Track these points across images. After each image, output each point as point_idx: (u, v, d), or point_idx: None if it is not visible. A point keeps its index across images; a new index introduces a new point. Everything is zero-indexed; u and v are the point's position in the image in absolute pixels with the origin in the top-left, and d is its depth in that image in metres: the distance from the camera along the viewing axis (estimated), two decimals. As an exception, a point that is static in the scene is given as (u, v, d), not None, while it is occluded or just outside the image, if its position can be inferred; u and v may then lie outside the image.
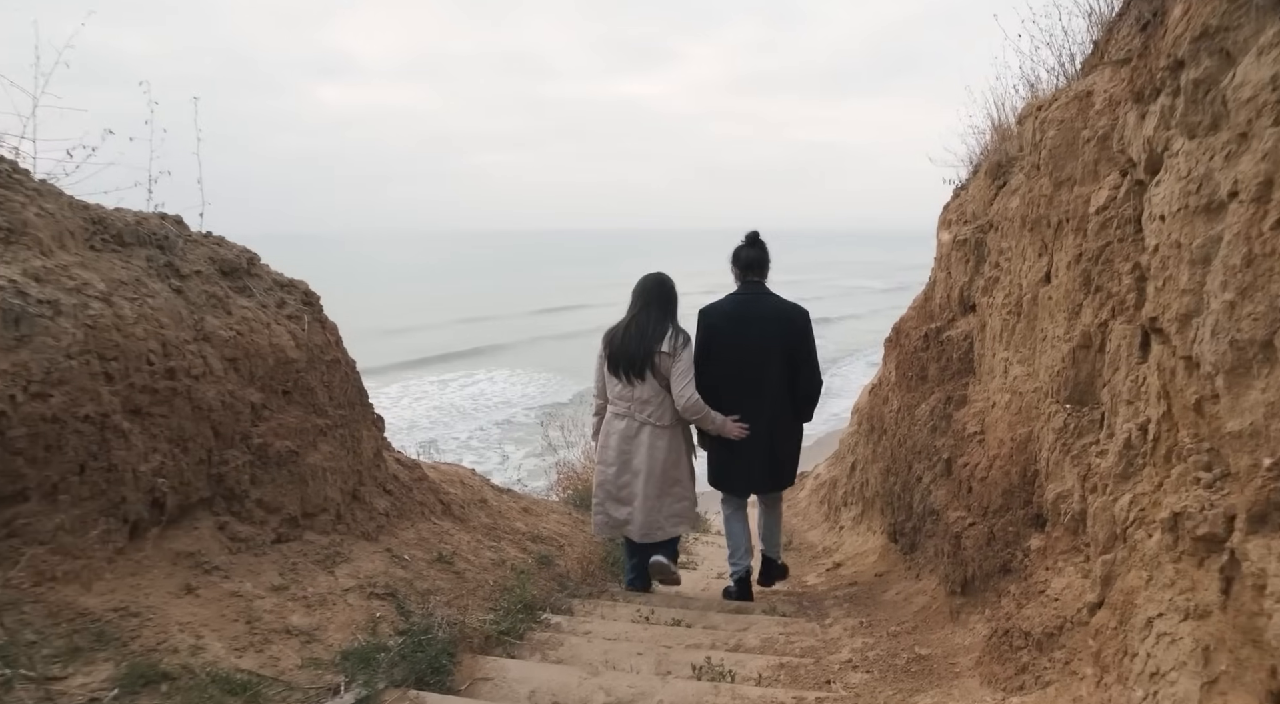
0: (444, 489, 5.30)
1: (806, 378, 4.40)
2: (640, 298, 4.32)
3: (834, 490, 8.88)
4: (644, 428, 4.25)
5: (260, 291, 3.81)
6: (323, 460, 3.74)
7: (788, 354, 4.30)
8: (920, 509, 4.54)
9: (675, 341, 4.19)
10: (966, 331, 4.69)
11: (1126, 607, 1.89)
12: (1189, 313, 1.75)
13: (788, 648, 3.55)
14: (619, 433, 4.29)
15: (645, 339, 4.18)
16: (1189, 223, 1.73)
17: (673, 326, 4.24)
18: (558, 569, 4.88)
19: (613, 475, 4.35)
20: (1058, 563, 2.54)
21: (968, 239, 4.88)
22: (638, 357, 4.19)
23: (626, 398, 4.27)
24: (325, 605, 3.03)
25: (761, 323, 4.30)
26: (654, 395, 4.23)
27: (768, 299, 4.40)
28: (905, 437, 5.09)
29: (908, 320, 6.12)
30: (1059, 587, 2.45)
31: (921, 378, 5.05)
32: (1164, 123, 1.91)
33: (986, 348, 4.07)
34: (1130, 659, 1.78)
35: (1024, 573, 2.87)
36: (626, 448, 4.27)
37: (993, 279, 4.25)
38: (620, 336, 4.28)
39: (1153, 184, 2.01)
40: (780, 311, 4.37)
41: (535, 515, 6.55)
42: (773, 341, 4.27)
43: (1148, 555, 1.86)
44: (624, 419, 4.29)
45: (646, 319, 4.23)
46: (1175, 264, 1.80)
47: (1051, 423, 2.79)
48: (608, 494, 4.37)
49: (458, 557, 4.31)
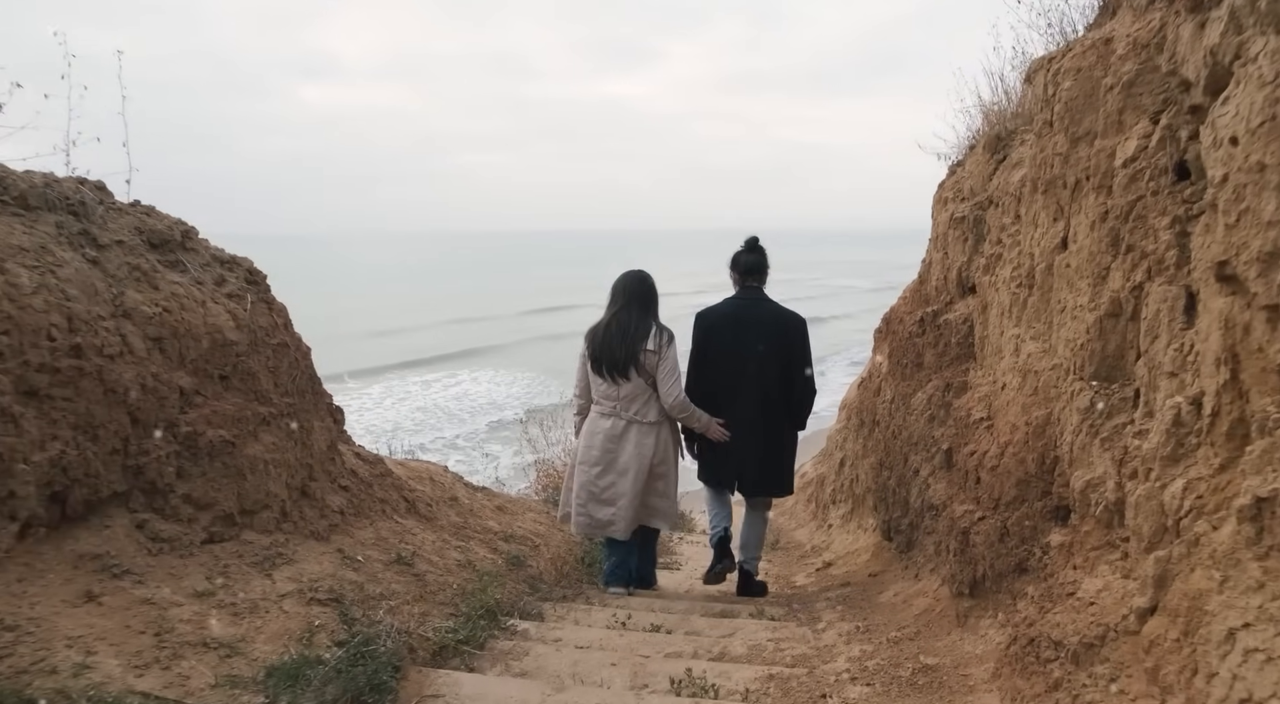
0: (410, 486, 4.92)
1: (800, 385, 4.31)
2: (620, 295, 4.22)
3: (821, 488, 8.54)
4: (631, 426, 4.15)
5: (196, 267, 3.42)
6: (265, 452, 3.35)
7: (782, 360, 4.23)
8: (918, 504, 4.19)
9: (660, 339, 4.10)
10: (966, 314, 4.35)
11: (1193, 614, 1.54)
12: (1276, 250, 1.40)
13: (777, 656, 3.19)
14: (604, 432, 4.18)
15: (628, 337, 4.09)
16: (1276, 137, 1.38)
17: (656, 324, 4.16)
18: (529, 571, 4.50)
19: (595, 476, 4.22)
20: (1088, 560, 2.19)
21: (966, 217, 4.54)
22: (622, 355, 4.09)
23: (612, 396, 4.15)
24: (256, 613, 2.64)
25: (758, 328, 4.22)
26: (639, 392, 4.14)
27: (765, 305, 4.33)
28: (900, 428, 4.74)
29: (900, 308, 5.78)
30: (1093, 588, 2.10)
31: (917, 365, 4.70)
32: (1234, 25, 1.57)
33: (991, 328, 3.73)
34: (1207, 680, 1.43)
35: (1044, 572, 2.51)
36: (612, 447, 4.16)
37: (995, 256, 3.92)
38: (602, 335, 4.18)
39: (1217, 104, 1.67)
40: (777, 318, 4.30)
41: (510, 514, 6.17)
42: (769, 347, 4.20)
43: (1219, 552, 1.51)
44: (610, 418, 4.18)
45: (628, 317, 4.14)
46: (1255, 192, 1.45)
47: (1075, 403, 2.44)
48: (590, 495, 4.23)
49: (419, 557, 3.93)
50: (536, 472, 8.46)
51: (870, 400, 6.38)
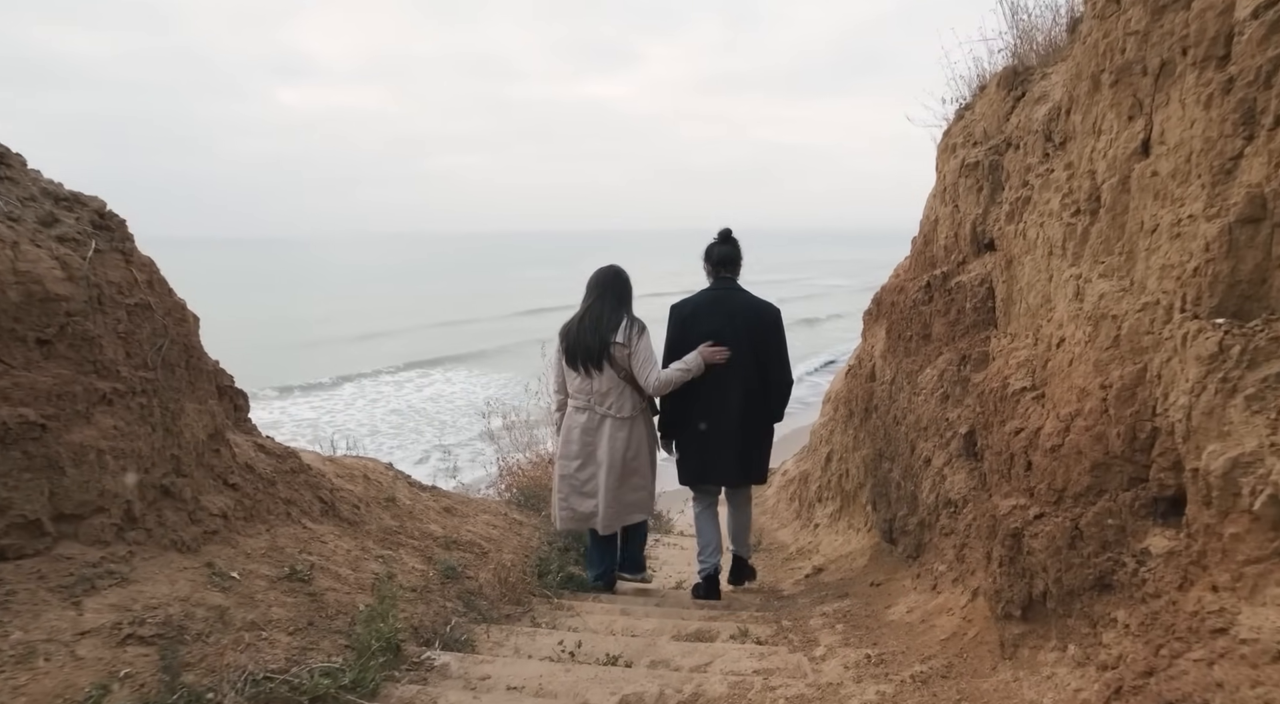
0: (333, 485, 4.10)
1: (776, 374, 4.19)
2: (595, 289, 4.14)
3: (805, 486, 7.78)
4: (605, 420, 4.07)
5: (13, 200, 2.59)
6: (101, 439, 2.52)
7: (759, 350, 4.12)
8: (931, 500, 3.41)
9: (630, 331, 4.00)
10: (983, 274, 3.59)
11: None
12: None
13: (767, 696, 2.39)
14: (580, 426, 4.10)
15: (600, 330, 4.01)
16: None
17: (628, 317, 4.06)
18: (467, 584, 3.68)
19: (575, 469, 4.15)
20: (1238, 578, 1.42)
21: (980, 162, 3.79)
22: (593, 348, 4.00)
23: (586, 391, 4.07)
24: (24, 663, 1.81)
25: (732, 317, 4.12)
26: (612, 387, 4.04)
27: (739, 295, 4.21)
28: (904, 412, 3.97)
29: (898, 280, 5.02)
30: (1256, 624, 1.33)
31: (924, 337, 3.94)
32: None
33: (1023, 283, 2.96)
34: None
35: (1142, 591, 1.74)
36: (589, 440, 4.09)
37: (1022, 200, 3.16)
38: (575, 328, 4.10)
39: None
40: (751, 307, 4.19)
41: (459, 516, 5.35)
42: (743, 336, 4.10)
43: None
44: (585, 412, 4.10)
45: (601, 309, 4.05)
46: None
47: (1191, 350, 1.67)
48: (572, 488, 4.16)
49: (323, 571, 3.11)
50: (500, 470, 7.64)
51: (861, 388, 5.62)
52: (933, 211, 4.26)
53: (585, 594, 4.43)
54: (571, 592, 4.38)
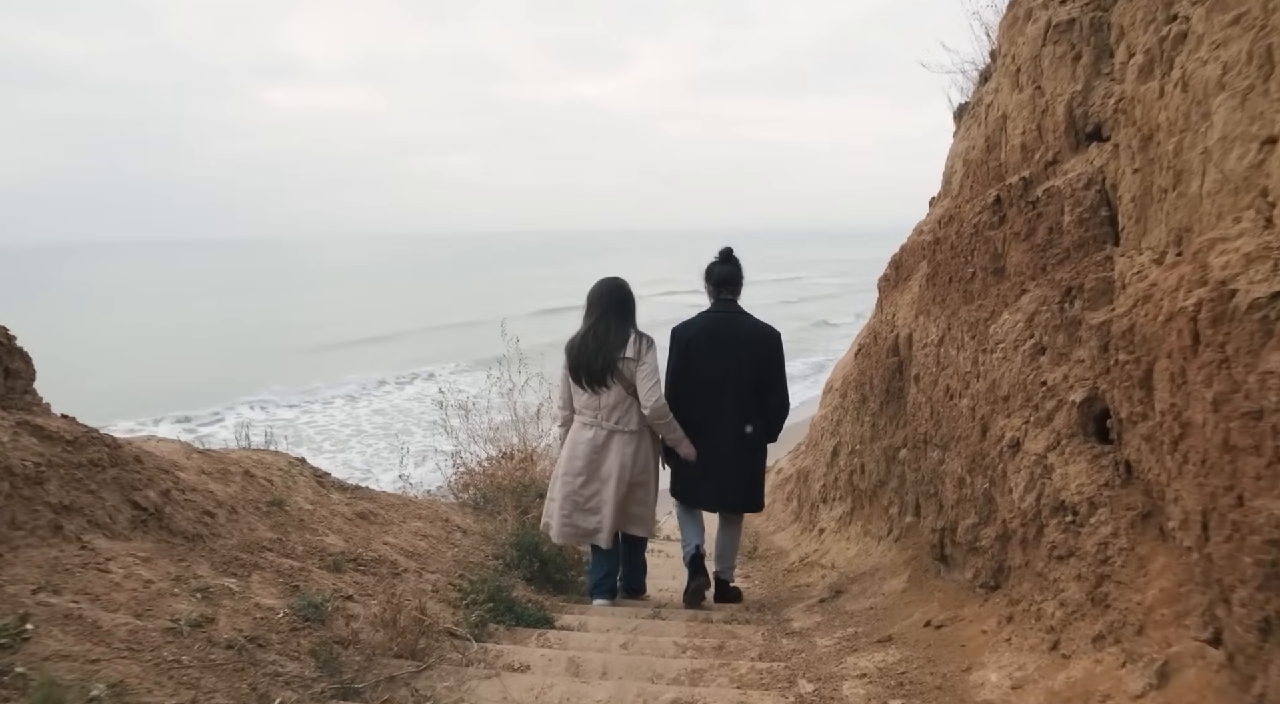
0: (179, 484, 2.86)
1: (776, 398, 4.07)
2: (597, 305, 3.99)
3: (805, 485, 6.56)
4: (613, 435, 3.96)
5: None
6: None
7: (759, 375, 4.01)
8: (1028, 505, 2.18)
9: (639, 346, 3.87)
10: (1088, 174, 2.37)
11: None
12: None
13: None
14: (587, 442, 3.96)
15: (606, 347, 3.89)
16: None
17: (634, 331, 3.93)
18: (336, 629, 2.42)
19: (580, 485, 3.97)
20: None
21: (1075, 21, 2.58)
22: (599, 364, 3.89)
23: (593, 407, 3.95)
24: None
25: (735, 342, 4.01)
26: (619, 401, 3.93)
27: (741, 318, 4.09)
28: (967, 379, 2.74)
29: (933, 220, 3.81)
30: None
31: (995, 273, 2.71)
32: None
33: (1182, 161, 1.74)
34: None
35: None
36: (595, 457, 3.96)
37: (1175, 38, 1.95)
38: (579, 346, 3.95)
39: None
40: (753, 332, 4.07)
41: (379, 524, 4.10)
42: (745, 361, 3.99)
43: None
44: (592, 428, 3.97)
45: (605, 326, 3.92)
46: None
47: None
48: (575, 506, 3.99)
49: (66, 623, 1.86)
50: (454, 467, 6.38)
51: (879, 366, 4.41)
52: (991, 102, 3.04)
53: (536, 628, 3.22)
54: (538, 606, 3.22)
